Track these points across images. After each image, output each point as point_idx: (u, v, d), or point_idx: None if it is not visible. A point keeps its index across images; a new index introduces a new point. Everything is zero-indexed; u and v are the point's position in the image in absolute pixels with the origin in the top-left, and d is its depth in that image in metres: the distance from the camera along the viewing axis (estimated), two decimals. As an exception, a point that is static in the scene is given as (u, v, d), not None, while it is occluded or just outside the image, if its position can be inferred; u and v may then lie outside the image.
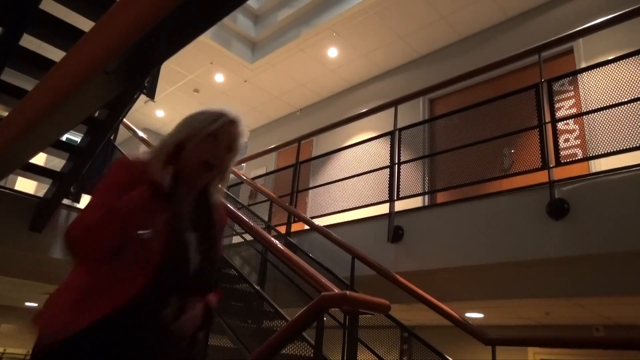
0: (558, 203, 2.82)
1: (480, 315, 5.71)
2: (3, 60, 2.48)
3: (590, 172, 3.56)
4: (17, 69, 2.73)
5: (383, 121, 6.06)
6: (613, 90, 2.89)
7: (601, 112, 2.90)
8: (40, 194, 3.89)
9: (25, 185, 6.72)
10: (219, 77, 7.52)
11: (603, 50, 4.66)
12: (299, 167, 4.81)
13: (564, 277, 3.22)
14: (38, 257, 3.95)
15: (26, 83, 2.76)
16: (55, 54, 2.41)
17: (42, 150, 2.00)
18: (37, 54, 2.63)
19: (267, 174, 5.94)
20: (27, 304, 8.94)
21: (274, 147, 5.45)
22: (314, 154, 7.15)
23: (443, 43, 6.30)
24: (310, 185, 5.03)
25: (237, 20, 6.97)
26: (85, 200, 4.17)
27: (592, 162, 4.24)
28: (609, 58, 2.96)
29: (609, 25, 3.10)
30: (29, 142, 1.26)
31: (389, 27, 6.09)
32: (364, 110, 4.53)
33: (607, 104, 2.86)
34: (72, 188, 3.82)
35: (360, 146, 4.36)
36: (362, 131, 6.66)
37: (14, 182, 6.90)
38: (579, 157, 3.60)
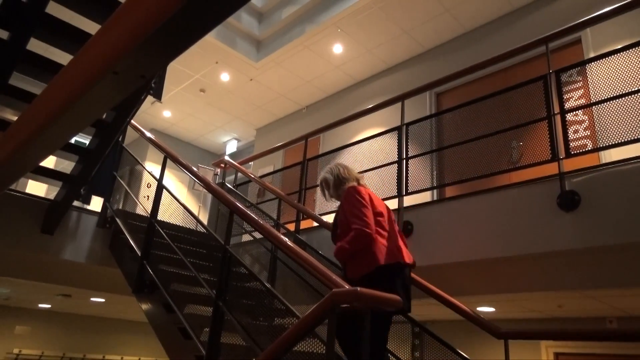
0: (569, 195, 2.80)
1: (492, 309, 5.69)
2: (11, 65, 2.50)
3: (601, 162, 3.52)
4: (24, 73, 2.75)
5: (390, 116, 6.04)
6: (623, 80, 2.86)
7: (611, 102, 2.86)
8: (51, 196, 3.92)
9: (36, 188, 6.79)
10: (225, 77, 7.53)
11: (611, 39, 4.61)
12: (307, 165, 4.81)
13: (575, 269, 3.19)
14: (50, 259, 3.99)
15: (34, 87, 2.78)
16: (62, 58, 2.43)
17: (53, 153, 2.02)
18: (45, 57, 2.65)
19: (274, 172, 5.94)
20: (41, 305, 9.03)
21: (281, 145, 5.45)
22: (321, 151, 7.15)
23: (449, 36, 6.26)
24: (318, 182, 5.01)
25: (242, 19, 6.97)
26: (95, 201, 4.21)
27: (602, 153, 4.20)
28: (618, 47, 2.93)
29: (616, 14, 3.06)
30: (40, 145, 1.27)
31: (394, 22, 6.06)
32: (371, 106, 4.51)
33: (617, 94, 2.83)
34: (82, 190, 3.85)
35: (367, 142, 4.35)
36: (369, 127, 6.64)
37: (25, 186, 6.96)
38: (589, 148, 3.56)
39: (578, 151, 3.01)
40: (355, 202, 2.60)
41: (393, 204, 3.74)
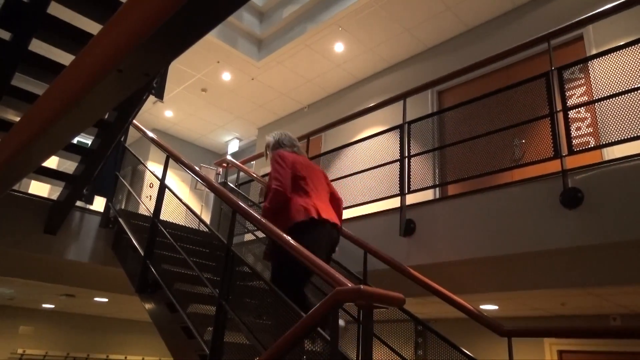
0: (571, 192, 2.79)
1: (495, 307, 5.68)
2: (13, 66, 2.50)
3: (604, 160, 3.52)
4: (26, 74, 2.76)
5: (392, 115, 6.03)
6: (626, 76, 2.85)
7: (613, 98, 2.86)
8: (54, 196, 3.93)
9: (39, 188, 6.80)
10: (226, 76, 7.54)
11: (613, 36, 4.59)
12: (309, 163, 4.80)
13: (578, 266, 3.19)
14: (53, 260, 4.00)
15: (36, 88, 2.79)
16: (64, 58, 2.43)
17: (55, 153, 2.02)
18: (47, 58, 2.65)
19: (276, 171, 5.94)
20: (44, 305, 9.06)
21: (283, 144, 5.44)
22: (323, 150, 7.14)
23: (450, 34, 6.25)
24: (320, 181, 5.02)
25: (243, 18, 6.97)
26: (97, 201, 4.22)
27: (605, 150, 4.19)
28: (620, 44, 2.92)
29: (618, 11, 3.05)
30: (43, 144, 1.28)
31: (395, 20, 6.05)
32: (372, 105, 4.51)
33: (619, 91, 2.82)
34: (84, 190, 3.85)
35: (369, 140, 4.35)
36: (371, 125, 6.64)
37: (28, 186, 6.98)
38: (592, 145, 3.56)
39: (581, 148, 3.00)
40: (276, 165, 2.93)
41: (395, 203, 3.74)
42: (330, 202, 3.12)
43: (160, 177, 3.72)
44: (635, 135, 2.69)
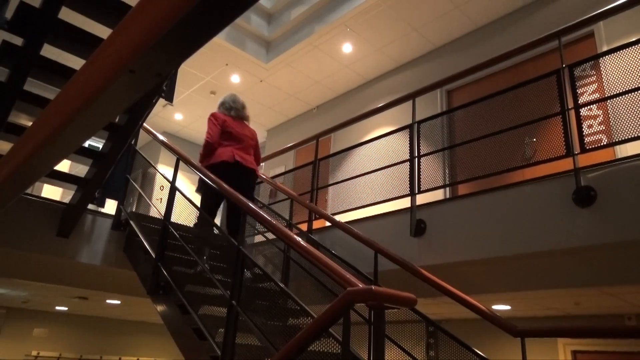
0: (584, 190, 2.76)
1: (508, 307, 5.63)
2: (26, 71, 2.53)
3: (617, 157, 3.47)
4: (39, 79, 2.79)
5: (401, 115, 6.01)
6: (637, 73, 2.81)
7: (626, 95, 2.82)
8: (66, 200, 3.97)
9: (52, 192, 6.87)
10: (235, 78, 7.57)
11: (625, 32, 4.54)
12: (318, 164, 4.81)
13: (592, 265, 3.15)
14: (66, 262, 4.04)
15: (45, 92, 2.82)
16: (74, 63, 2.45)
17: (68, 156, 2.04)
18: (59, 63, 2.68)
19: (286, 172, 5.95)
20: (58, 308, 9.15)
21: (292, 145, 5.46)
22: (332, 151, 7.14)
23: (459, 33, 6.22)
24: (330, 182, 5.03)
25: (251, 20, 7.00)
26: (109, 204, 4.26)
27: (618, 147, 4.14)
28: (632, 40, 2.88)
29: (629, 7, 3.02)
30: (56, 148, 1.29)
31: (403, 20, 6.03)
32: (381, 105, 4.50)
33: (632, 87, 2.78)
34: (96, 193, 3.89)
35: (379, 140, 4.34)
36: (380, 126, 6.62)
37: (41, 190, 7.06)
38: (604, 143, 3.51)
39: (593, 146, 2.96)
40: (209, 122, 3.99)
41: (405, 203, 3.73)
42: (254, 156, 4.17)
43: (170, 179, 3.74)
44: (649, 132, 2.66)
